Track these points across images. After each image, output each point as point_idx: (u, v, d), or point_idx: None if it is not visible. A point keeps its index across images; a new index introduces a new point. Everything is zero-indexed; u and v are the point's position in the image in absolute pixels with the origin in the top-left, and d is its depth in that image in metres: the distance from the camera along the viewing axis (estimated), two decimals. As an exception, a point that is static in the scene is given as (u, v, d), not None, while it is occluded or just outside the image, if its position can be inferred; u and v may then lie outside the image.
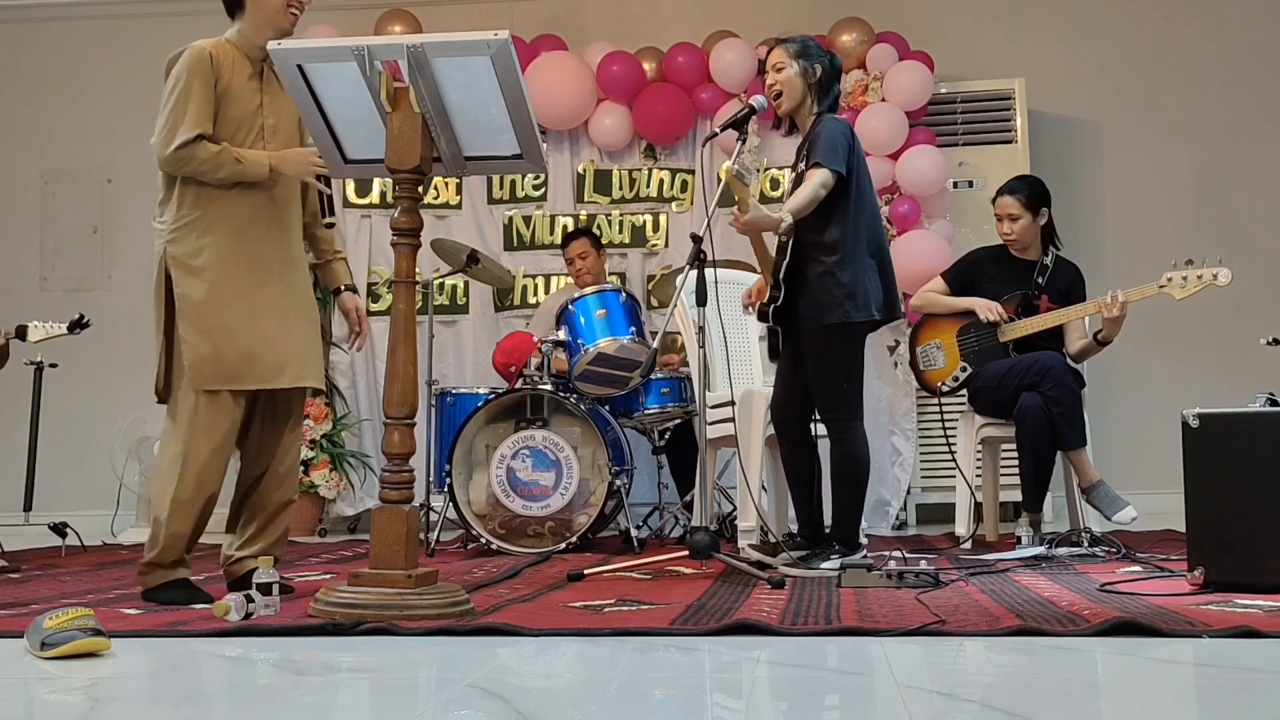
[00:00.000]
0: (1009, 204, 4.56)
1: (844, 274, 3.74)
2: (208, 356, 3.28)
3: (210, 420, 3.29)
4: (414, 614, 2.79)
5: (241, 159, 3.29)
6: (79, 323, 4.70)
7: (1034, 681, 2.22)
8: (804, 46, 3.93)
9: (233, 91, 3.35)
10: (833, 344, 3.78)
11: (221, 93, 3.33)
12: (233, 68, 3.36)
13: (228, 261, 3.32)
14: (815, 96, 3.91)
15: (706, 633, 2.65)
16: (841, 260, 3.75)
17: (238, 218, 3.34)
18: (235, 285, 3.32)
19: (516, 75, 2.91)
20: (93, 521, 5.70)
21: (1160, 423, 4.51)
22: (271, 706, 2.09)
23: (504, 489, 4.71)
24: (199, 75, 3.29)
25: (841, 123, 3.89)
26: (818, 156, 3.73)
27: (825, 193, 3.71)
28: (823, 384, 3.80)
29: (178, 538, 3.30)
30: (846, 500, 3.83)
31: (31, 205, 6.90)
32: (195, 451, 3.28)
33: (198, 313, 3.30)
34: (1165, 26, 6.39)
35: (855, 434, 3.79)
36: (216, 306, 3.30)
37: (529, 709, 1.97)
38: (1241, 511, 3.09)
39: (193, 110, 3.27)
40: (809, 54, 3.90)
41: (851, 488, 3.82)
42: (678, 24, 6.34)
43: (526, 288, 6.20)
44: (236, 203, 3.34)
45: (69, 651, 2.45)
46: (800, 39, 3.98)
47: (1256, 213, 6.23)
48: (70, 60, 6.92)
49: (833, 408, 3.80)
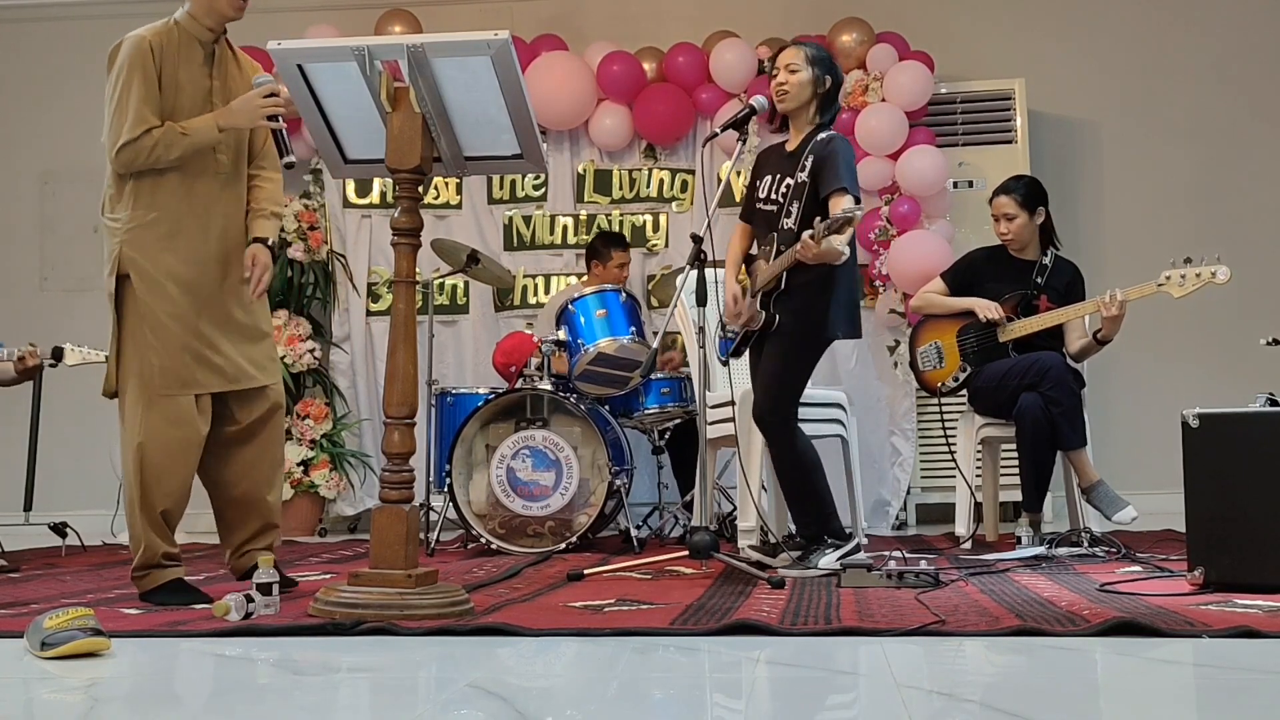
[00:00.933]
0: (1005, 203, 4.57)
1: (833, 289, 3.78)
2: (162, 361, 3.23)
3: (161, 420, 3.23)
4: (414, 614, 2.79)
5: (187, 130, 3.23)
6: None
7: (1034, 681, 2.22)
8: (820, 56, 3.93)
9: (180, 79, 3.28)
10: (801, 351, 3.82)
11: (168, 81, 3.26)
12: (178, 53, 3.29)
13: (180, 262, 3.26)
14: (820, 106, 3.92)
15: (706, 633, 2.65)
16: (834, 277, 3.78)
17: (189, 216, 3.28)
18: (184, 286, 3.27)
19: (517, 75, 2.92)
20: (93, 521, 5.69)
21: (1160, 423, 4.52)
22: (271, 706, 2.09)
23: (504, 489, 4.71)
24: (139, 69, 3.23)
25: (849, 143, 3.95)
26: (843, 182, 3.73)
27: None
28: (775, 386, 3.81)
29: (151, 537, 3.25)
30: (811, 495, 3.81)
31: (31, 205, 6.90)
32: (149, 454, 3.22)
33: (151, 312, 3.24)
34: (1165, 26, 6.39)
35: (791, 432, 3.79)
36: (167, 306, 3.25)
37: (529, 709, 1.97)
38: (1241, 511, 3.09)
39: (134, 105, 3.21)
40: (823, 63, 3.91)
41: (812, 482, 3.80)
42: (678, 24, 6.34)
43: (526, 288, 6.21)
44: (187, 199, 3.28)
45: (69, 651, 2.45)
46: (817, 46, 3.99)
47: (1256, 213, 6.22)
48: (69, 60, 6.91)
49: (775, 412, 3.79)
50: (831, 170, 3.73)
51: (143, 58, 3.23)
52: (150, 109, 3.23)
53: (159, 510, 3.25)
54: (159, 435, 3.23)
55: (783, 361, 3.81)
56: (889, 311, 5.79)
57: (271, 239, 3.42)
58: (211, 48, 3.36)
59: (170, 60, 3.27)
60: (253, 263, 3.34)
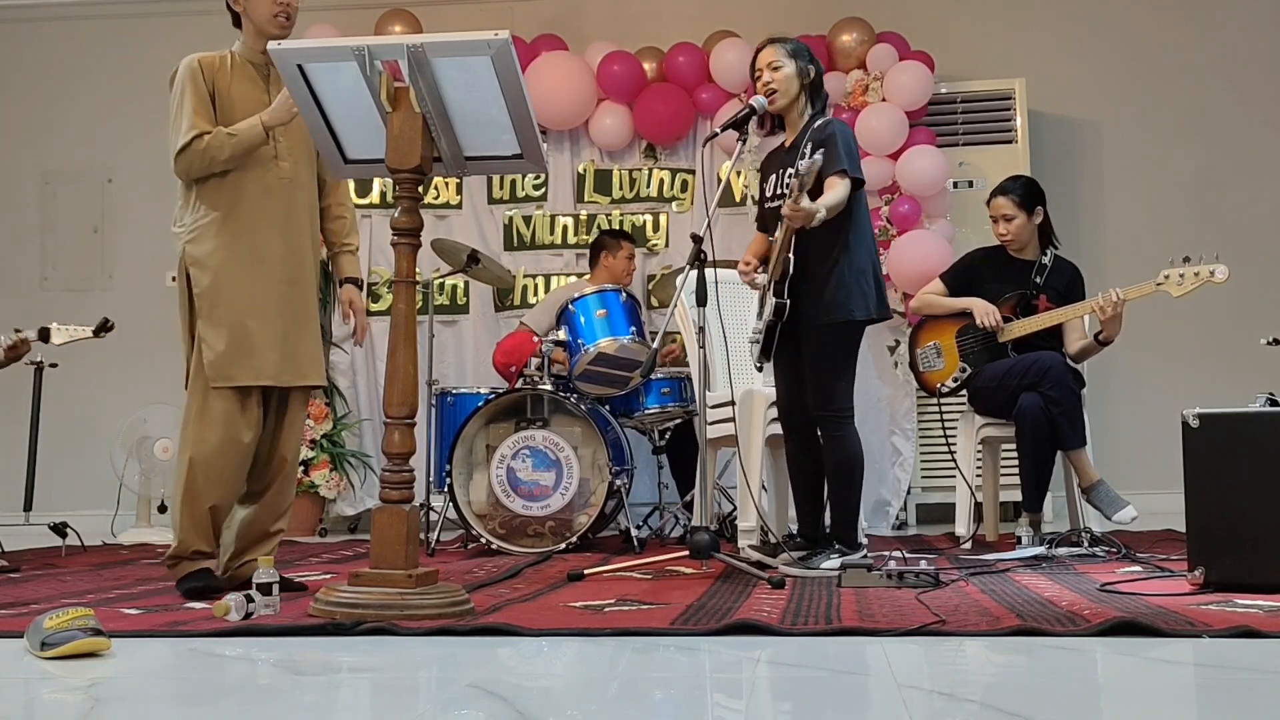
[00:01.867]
0: (1003, 204, 4.57)
1: (850, 273, 3.80)
2: (220, 353, 3.36)
3: (215, 417, 3.36)
4: (414, 614, 2.79)
5: (234, 131, 3.36)
6: (104, 326, 4.68)
7: (1034, 681, 2.22)
8: (798, 47, 3.96)
9: (235, 97, 3.43)
10: (835, 341, 3.82)
11: (222, 97, 3.42)
12: (231, 74, 3.45)
13: (241, 259, 3.40)
14: (809, 97, 3.94)
15: (706, 633, 2.65)
16: (849, 260, 3.80)
17: (250, 216, 3.42)
18: (244, 282, 3.40)
19: (517, 75, 2.91)
20: (93, 521, 5.70)
21: (1160, 423, 4.52)
22: (271, 706, 2.09)
23: (504, 489, 4.71)
24: (189, 82, 3.41)
25: (848, 126, 3.95)
26: (842, 164, 3.75)
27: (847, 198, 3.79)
28: (821, 382, 3.82)
29: (188, 532, 3.37)
30: (844, 499, 3.85)
31: (31, 205, 6.90)
32: (200, 448, 3.36)
33: (210, 306, 3.38)
34: (1165, 26, 6.39)
35: (849, 432, 3.83)
36: (226, 301, 3.39)
37: (529, 709, 1.97)
38: (1241, 511, 3.09)
39: (187, 114, 3.38)
40: (803, 55, 3.94)
41: (848, 486, 3.84)
42: (678, 24, 6.34)
43: (526, 288, 6.21)
44: (248, 200, 3.42)
45: (69, 651, 2.45)
46: (793, 40, 4.02)
47: (1256, 213, 6.22)
48: (70, 60, 6.92)
49: (828, 406, 3.81)
50: (831, 153, 3.73)
51: (193, 74, 3.42)
52: (202, 117, 3.39)
53: (207, 506, 3.37)
54: (211, 430, 3.36)
55: (821, 355, 3.82)
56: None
57: (358, 276, 3.70)
58: (266, 68, 3.48)
59: (223, 77, 3.45)
60: (351, 306, 3.65)
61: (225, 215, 3.41)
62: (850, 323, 3.82)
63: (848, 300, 3.79)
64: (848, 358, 3.86)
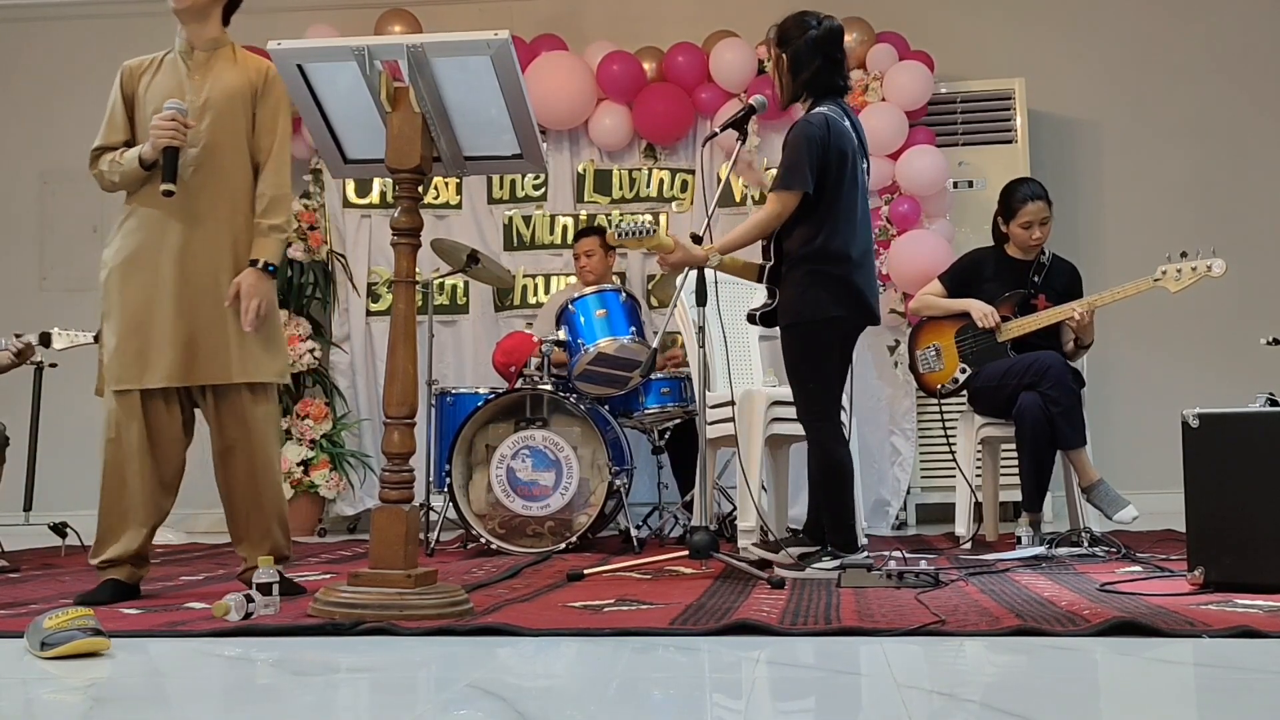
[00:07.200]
0: (1043, 209, 4.50)
1: (803, 274, 3.66)
2: (111, 355, 3.35)
3: (114, 421, 3.38)
4: (414, 614, 2.79)
5: (123, 160, 3.34)
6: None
7: (1034, 681, 2.22)
8: (780, 33, 3.79)
9: (150, 96, 3.38)
10: (794, 344, 3.72)
11: (140, 99, 3.39)
12: (156, 71, 3.42)
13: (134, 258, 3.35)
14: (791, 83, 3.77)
15: (706, 633, 2.65)
16: (804, 259, 3.66)
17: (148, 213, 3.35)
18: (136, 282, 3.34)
19: (516, 75, 2.91)
20: (93, 521, 5.66)
21: (1160, 423, 4.51)
22: (271, 706, 2.09)
23: (504, 489, 4.71)
24: (113, 91, 3.44)
25: (811, 124, 3.66)
26: (779, 178, 3.64)
27: (778, 223, 3.66)
28: (792, 385, 3.76)
29: (99, 540, 3.40)
30: (827, 502, 3.73)
31: (31, 205, 6.90)
32: (107, 454, 3.39)
33: (107, 308, 3.38)
34: (1165, 26, 6.39)
35: (825, 434, 3.68)
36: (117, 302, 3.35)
37: (529, 709, 1.97)
38: (1241, 511, 3.09)
39: (102, 126, 3.42)
40: (784, 40, 3.77)
41: (828, 489, 3.70)
42: (678, 24, 6.34)
43: (526, 288, 6.21)
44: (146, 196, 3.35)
45: (69, 651, 2.45)
46: (779, 23, 3.83)
47: (1256, 212, 6.23)
48: (70, 60, 6.91)
49: (800, 409, 3.75)
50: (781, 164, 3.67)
51: (118, 82, 3.46)
52: (113, 129, 3.41)
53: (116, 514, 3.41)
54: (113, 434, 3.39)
55: (786, 359, 3.76)
56: (889, 311, 5.78)
57: (265, 258, 3.33)
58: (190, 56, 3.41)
59: (146, 78, 3.41)
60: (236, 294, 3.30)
61: (129, 214, 3.39)
62: (803, 324, 3.66)
63: (799, 301, 3.65)
64: (811, 360, 3.69)
